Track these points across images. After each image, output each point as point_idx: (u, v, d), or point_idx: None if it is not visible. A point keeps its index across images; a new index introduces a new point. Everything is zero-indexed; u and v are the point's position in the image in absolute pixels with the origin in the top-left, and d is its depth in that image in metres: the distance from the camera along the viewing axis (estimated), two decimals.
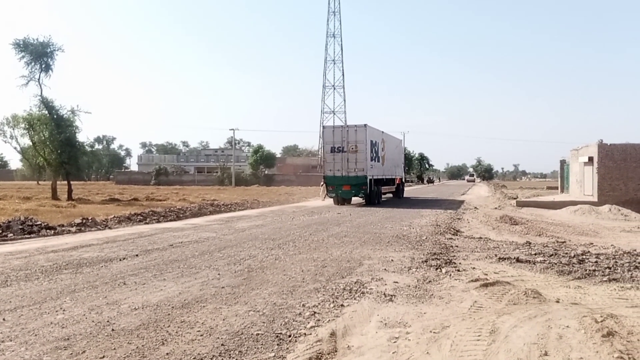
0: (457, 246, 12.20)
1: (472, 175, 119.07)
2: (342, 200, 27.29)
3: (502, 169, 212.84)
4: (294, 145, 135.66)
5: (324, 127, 28.31)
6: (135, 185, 67.90)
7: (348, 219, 19.04)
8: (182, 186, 65.60)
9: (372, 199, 26.73)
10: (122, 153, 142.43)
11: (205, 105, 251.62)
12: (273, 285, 7.73)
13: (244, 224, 17.21)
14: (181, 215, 20.26)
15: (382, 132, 29.81)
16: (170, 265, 9.38)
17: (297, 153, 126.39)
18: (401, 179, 35.92)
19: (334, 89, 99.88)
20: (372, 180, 26.60)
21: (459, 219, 19.75)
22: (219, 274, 8.56)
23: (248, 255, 10.59)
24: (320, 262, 9.76)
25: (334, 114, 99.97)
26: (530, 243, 12.99)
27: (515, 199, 33.92)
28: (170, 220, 18.78)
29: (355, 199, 28.28)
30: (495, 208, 26.71)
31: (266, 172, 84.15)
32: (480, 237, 14.17)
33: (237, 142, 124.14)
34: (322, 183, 28.05)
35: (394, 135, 34.31)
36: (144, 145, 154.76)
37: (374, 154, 27.30)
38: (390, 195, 33.13)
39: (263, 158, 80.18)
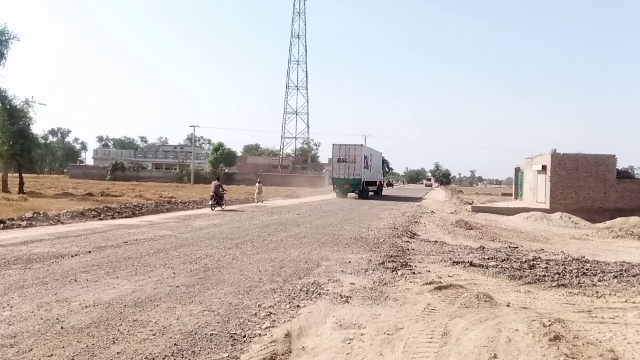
0: (413, 249, 12.40)
1: (430, 180, 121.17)
2: (343, 194, 38.88)
3: (460, 174, 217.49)
4: (256, 145, 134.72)
5: (333, 144, 38.42)
6: (90, 180, 66.15)
7: (308, 219, 19.08)
8: (139, 182, 64.26)
9: (363, 195, 38.43)
10: (78, 146, 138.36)
11: (165, 100, 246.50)
12: (229, 285, 7.68)
13: (201, 223, 17.03)
14: (137, 212, 19.88)
15: (371, 148, 42.78)
16: (124, 263, 9.20)
17: (259, 152, 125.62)
18: (380, 181, 48.66)
19: (297, 89, 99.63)
20: (364, 182, 38.17)
21: (415, 222, 20.07)
22: (174, 273, 8.45)
23: (205, 254, 10.49)
24: (278, 262, 9.76)
25: (297, 114, 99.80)
26: (484, 248, 13.33)
27: (471, 204, 34.73)
28: (126, 217, 18.41)
29: (349, 197, 37.05)
30: (452, 212, 27.25)
31: (226, 170, 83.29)
32: (436, 241, 14.44)
33: (197, 139, 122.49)
34: (257, 183, 31.01)
35: (377, 150, 46.21)
36: (100, 139, 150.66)
37: (365, 164, 38.76)
38: (372, 193, 42.82)
39: (223, 156, 79.29)
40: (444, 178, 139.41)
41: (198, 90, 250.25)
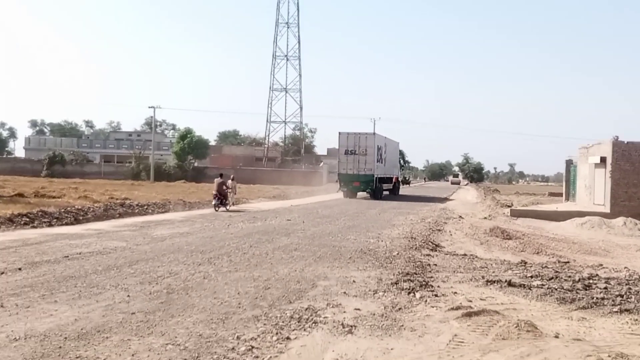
0: (435, 265, 12.44)
1: (458, 176, 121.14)
2: (352, 193, 40.19)
3: (495, 169, 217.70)
4: (234, 131, 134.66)
5: (339, 133, 39.56)
6: (20, 177, 65.91)
7: (300, 227, 19.11)
8: (84, 179, 64.13)
9: (377, 194, 39.71)
10: (5, 134, 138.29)
11: (117, 74, 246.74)
12: (200, 312, 7.70)
13: (164, 231, 17.04)
14: (81, 218, 19.85)
15: (385, 137, 43.86)
16: (64, 283, 9.20)
17: (238, 141, 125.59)
18: (397, 177, 50.18)
19: (287, 60, 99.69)
20: (377, 179, 39.65)
21: (439, 230, 20.13)
22: (128, 296, 8.47)
23: (168, 272, 10.50)
24: (263, 282, 9.78)
25: (287, 92, 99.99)
26: (526, 263, 13.37)
27: (509, 206, 34.73)
28: (67, 224, 18.40)
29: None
30: (485, 218, 27.28)
31: (196, 164, 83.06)
32: (465, 254, 14.49)
33: (158, 124, 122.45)
34: (229, 180, 29.95)
35: (393, 139, 47.55)
36: (34, 124, 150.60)
37: (379, 156, 40.39)
38: (387, 192, 44.33)
39: (192, 146, 79.08)
40: (475, 174, 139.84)
41: (160, 62, 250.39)
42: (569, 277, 11.30)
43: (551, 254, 16.35)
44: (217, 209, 25.82)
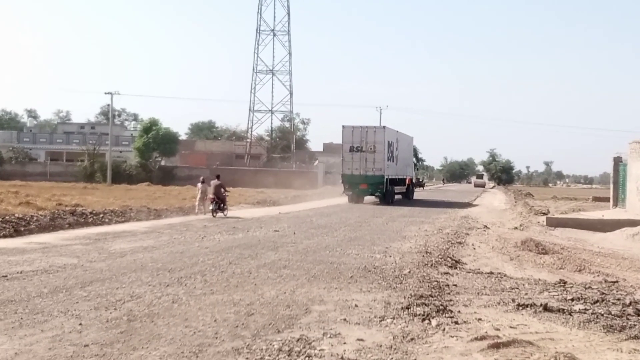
0: (455, 285, 12.42)
1: (482, 177, 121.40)
2: (358, 198, 40.96)
3: (528, 168, 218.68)
4: (209, 123, 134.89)
5: (343, 126, 40.42)
6: None
7: (291, 240, 19.09)
8: (26, 181, 63.95)
9: (387, 199, 40.70)
10: None
11: (67, 54, 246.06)
12: (167, 343, 7.67)
13: (124, 245, 17.00)
14: (22, 229, 19.78)
15: (397, 131, 44.94)
16: (1, 309, 9.15)
17: (214, 134, 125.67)
18: (411, 179, 51.84)
19: (274, 35, 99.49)
20: (388, 180, 40.52)
21: (459, 243, 20.14)
22: (80, 324, 8.42)
23: (129, 294, 10.46)
24: (245, 307, 9.75)
25: (273, 74, 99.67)
26: (565, 283, 13.34)
27: (545, 214, 34.74)
28: (5, 237, 18.36)
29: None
30: (515, 228, 27.29)
31: (163, 162, 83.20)
32: (491, 272, 14.47)
33: (117, 113, 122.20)
34: (199, 183, 30.51)
35: (406, 133, 48.98)
36: None
37: (390, 154, 41.47)
38: (400, 196, 46.11)
39: (158, 140, 78.94)
40: (503, 174, 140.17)
41: (119, 39, 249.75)
42: (618, 300, 11.28)
43: (596, 271, 16.32)
44: (214, 214, 27.60)
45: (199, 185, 30.12)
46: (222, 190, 28.31)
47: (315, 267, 13.99)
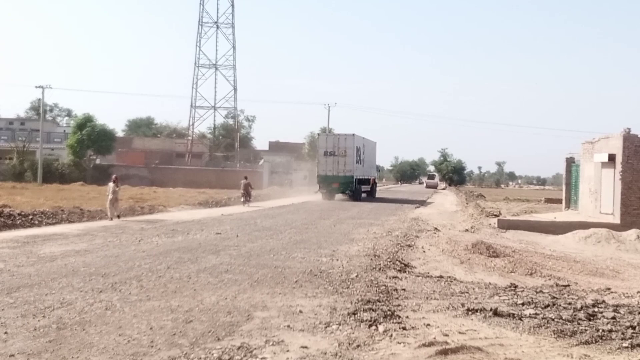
0: (404, 290, 12.50)
1: (434, 177, 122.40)
2: (331, 195, 48.79)
3: (480, 169, 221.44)
4: (148, 119, 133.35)
5: (318, 134, 54.01)
6: None
7: (234, 242, 19.03)
8: None
9: (356, 196, 48.82)
10: None
11: None
12: (100, 353, 7.58)
13: (54, 249, 16.76)
14: None
15: (363, 137, 53.67)
16: None
17: (153, 132, 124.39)
18: (374, 179, 61.28)
19: (217, 27, 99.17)
20: (357, 180, 48.93)
21: (409, 245, 20.29)
22: (6, 333, 8.29)
23: (59, 301, 10.31)
24: (183, 313, 9.69)
25: (217, 68, 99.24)
26: (516, 286, 13.55)
27: (497, 216, 35.23)
28: None
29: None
30: (466, 230, 27.56)
31: (98, 161, 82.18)
32: (441, 276, 14.62)
33: (48, 108, 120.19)
34: (110, 182, 28.77)
35: (370, 139, 57.80)
36: None
37: (358, 157, 49.77)
38: (365, 194, 53.31)
39: (93, 137, 77.86)
40: (455, 175, 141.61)
41: (51, 29, 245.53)
42: (569, 304, 11.47)
43: (547, 275, 16.62)
44: (245, 204, 38.97)
45: (110, 184, 28.09)
46: (250, 187, 41.01)
47: (258, 271, 13.97)
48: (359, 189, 49.97)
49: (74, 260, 14.87)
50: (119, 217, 27.28)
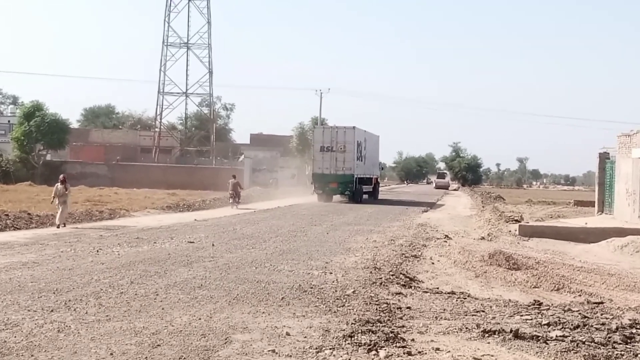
0: (409, 308, 12.49)
1: (445, 176, 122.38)
2: (328, 196, 49.36)
3: (498, 166, 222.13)
4: (108, 108, 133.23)
5: (314, 127, 54.83)
6: None
7: (209, 253, 19.00)
8: None
9: (356, 197, 49.43)
10: None
11: None
12: None
13: None
14: None
15: (365, 131, 54.47)
16: None
17: (114, 122, 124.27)
18: (377, 178, 62.07)
19: (189, 1, 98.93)
20: (357, 179, 49.48)
21: (415, 256, 20.29)
22: None
23: (3, 322, 10.27)
24: (149, 336, 9.66)
25: (189, 48, 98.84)
26: (540, 304, 13.53)
27: (518, 221, 35.16)
28: None
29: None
30: (482, 238, 27.54)
31: (49, 156, 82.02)
32: (453, 292, 14.61)
33: None
34: (57, 186, 28.00)
35: (373, 133, 58.48)
36: None
37: (359, 154, 50.64)
38: (366, 195, 54.35)
39: (43, 129, 77.65)
40: (468, 173, 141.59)
41: None
42: (603, 324, 11.46)
43: (577, 290, 16.60)
44: (233, 207, 40.12)
45: (58, 185, 27.70)
46: (239, 187, 42.51)
47: (238, 286, 13.94)
48: (359, 190, 50.31)
49: (21, 273, 14.81)
50: (64, 225, 26.73)
